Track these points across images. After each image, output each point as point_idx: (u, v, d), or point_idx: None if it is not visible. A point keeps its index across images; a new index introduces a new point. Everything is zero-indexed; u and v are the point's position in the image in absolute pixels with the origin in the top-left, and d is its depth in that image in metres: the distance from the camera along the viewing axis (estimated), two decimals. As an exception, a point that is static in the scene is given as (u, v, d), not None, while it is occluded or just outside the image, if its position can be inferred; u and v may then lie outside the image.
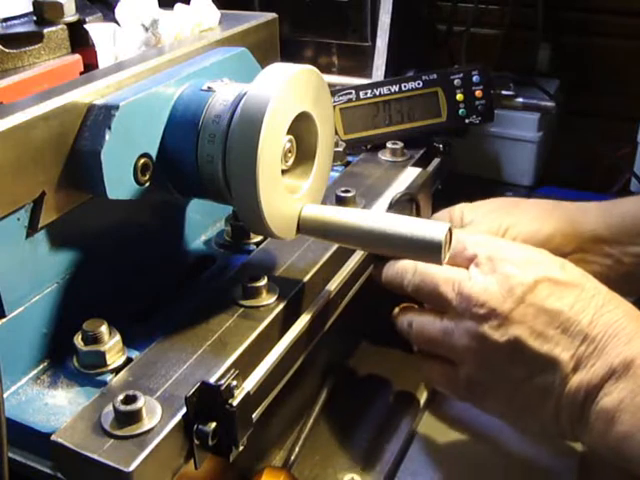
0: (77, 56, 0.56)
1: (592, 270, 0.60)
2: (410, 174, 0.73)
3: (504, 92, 0.90)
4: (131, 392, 0.41)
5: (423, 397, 0.65)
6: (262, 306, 0.51)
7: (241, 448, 0.44)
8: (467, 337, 0.52)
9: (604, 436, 0.48)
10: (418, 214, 0.68)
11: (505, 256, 0.53)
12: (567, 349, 0.49)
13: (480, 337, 0.51)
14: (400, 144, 0.76)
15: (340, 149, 0.76)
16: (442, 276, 0.54)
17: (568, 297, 0.50)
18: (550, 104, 0.92)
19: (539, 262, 0.53)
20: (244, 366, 0.47)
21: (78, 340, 0.47)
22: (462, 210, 0.67)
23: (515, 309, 0.50)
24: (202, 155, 0.50)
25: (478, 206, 0.67)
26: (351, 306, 0.60)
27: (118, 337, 0.47)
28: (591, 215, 0.65)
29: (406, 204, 0.66)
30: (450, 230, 0.49)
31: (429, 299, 0.56)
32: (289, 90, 0.47)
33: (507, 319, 0.50)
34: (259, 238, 0.61)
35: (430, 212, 0.72)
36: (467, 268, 0.54)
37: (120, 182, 0.47)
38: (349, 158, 0.78)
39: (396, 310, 0.60)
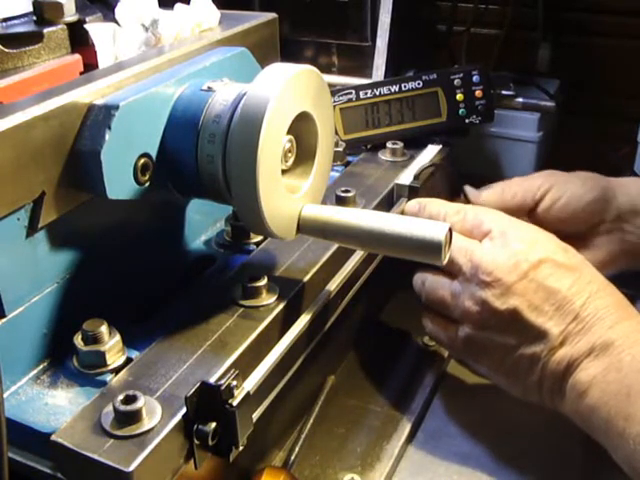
0: (77, 56, 0.56)
1: (629, 240, 0.68)
2: (431, 150, 0.77)
3: (504, 92, 0.90)
4: (131, 392, 0.42)
5: (423, 398, 0.65)
6: (262, 306, 0.51)
7: (241, 448, 0.44)
8: (471, 300, 0.57)
9: (576, 407, 0.53)
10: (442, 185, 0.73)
11: (516, 234, 0.58)
12: (558, 324, 0.54)
13: (482, 302, 0.56)
14: (400, 144, 0.76)
15: (340, 149, 0.76)
16: (457, 245, 0.59)
17: (567, 279, 0.55)
18: (550, 104, 0.92)
19: (546, 244, 0.58)
20: (244, 366, 0.47)
21: (78, 340, 0.47)
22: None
23: (518, 282, 0.55)
24: (202, 155, 0.50)
25: (527, 176, 0.73)
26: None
27: (118, 337, 0.47)
28: (632, 189, 0.71)
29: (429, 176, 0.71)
30: (450, 230, 0.49)
31: None
32: (289, 90, 0.47)
33: (509, 290, 0.55)
34: (259, 238, 0.61)
35: (449, 185, 0.77)
36: (481, 241, 0.59)
37: (120, 182, 0.47)
38: (349, 158, 0.78)
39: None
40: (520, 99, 0.92)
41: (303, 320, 0.53)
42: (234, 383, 0.42)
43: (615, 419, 0.49)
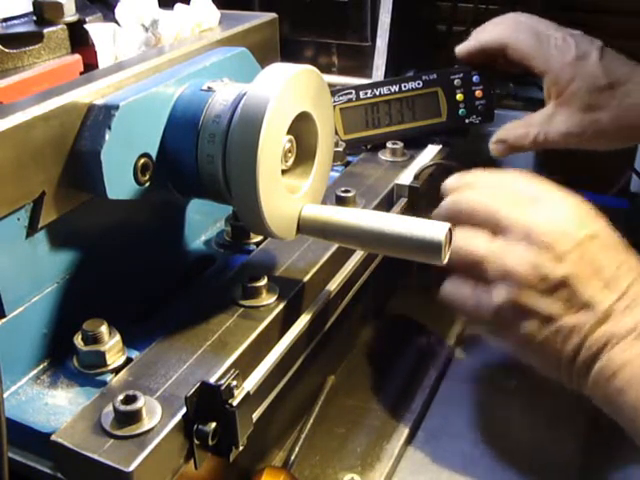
0: (77, 56, 0.56)
1: None
2: (431, 150, 0.77)
3: (504, 92, 0.90)
4: (131, 392, 0.42)
5: (423, 398, 0.65)
6: (262, 306, 0.51)
7: (241, 448, 0.44)
8: (519, 261, 0.54)
9: (604, 388, 0.52)
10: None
11: (568, 201, 0.56)
12: (604, 300, 0.53)
13: (533, 265, 0.53)
14: (400, 144, 0.76)
15: (340, 149, 0.76)
16: (509, 203, 0.56)
17: (616, 257, 0.54)
18: (550, 104, 0.91)
19: (599, 218, 0.56)
20: (244, 366, 0.47)
21: (78, 340, 0.47)
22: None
23: (573, 251, 0.53)
24: (202, 155, 0.50)
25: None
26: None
27: (118, 337, 0.47)
28: None
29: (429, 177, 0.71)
30: (450, 230, 0.49)
31: (485, 217, 0.57)
32: (289, 90, 0.47)
33: (563, 256, 0.53)
34: (259, 238, 0.61)
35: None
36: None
37: (120, 182, 0.47)
38: (349, 158, 0.78)
39: None
40: (520, 99, 0.92)
41: (303, 320, 0.53)
42: (234, 383, 0.42)
43: None
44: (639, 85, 0.69)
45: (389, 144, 0.76)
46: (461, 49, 0.78)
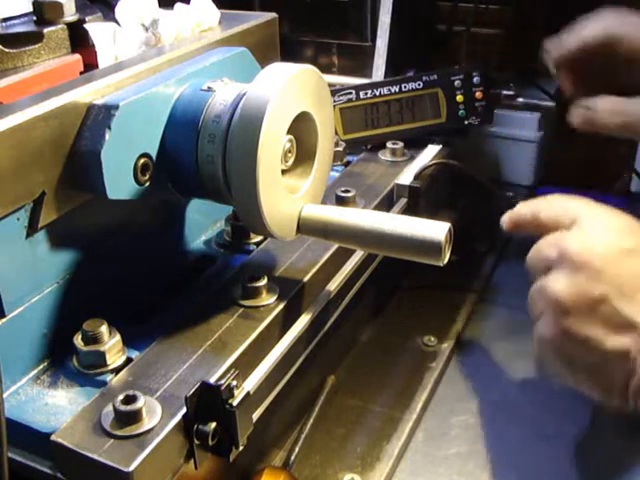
0: (77, 56, 0.56)
1: None
2: (431, 150, 0.76)
3: (504, 92, 0.90)
4: (131, 392, 0.42)
5: (423, 398, 0.65)
6: (262, 306, 0.51)
7: (241, 448, 0.44)
8: (557, 287, 0.50)
9: None
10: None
11: (608, 221, 0.53)
12: None
13: (570, 289, 0.50)
14: (400, 144, 0.76)
15: (340, 149, 0.76)
16: (546, 241, 0.53)
17: None
18: (550, 104, 0.92)
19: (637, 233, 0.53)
20: (244, 366, 0.47)
21: (78, 340, 0.47)
22: None
23: (610, 267, 0.50)
24: (202, 155, 0.50)
25: None
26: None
27: (118, 337, 0.47)
28: None
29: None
30: (450, 230, 0.49)
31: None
32: (289, 90, 0.47)
33: (599, 274, 0.50)
34: (259, 238, 0.61)
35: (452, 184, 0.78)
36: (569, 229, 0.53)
37: (120, 182, 0.47)
38: (349, 158, 0.78)
39: None
40: (520, 99, 0.92)
41: (303, 320, 0.53)
42: (234, 383, 0.42)
43: None
44: None
45: (389, 144, 0.76)
46: (564, 46, 0.68)
